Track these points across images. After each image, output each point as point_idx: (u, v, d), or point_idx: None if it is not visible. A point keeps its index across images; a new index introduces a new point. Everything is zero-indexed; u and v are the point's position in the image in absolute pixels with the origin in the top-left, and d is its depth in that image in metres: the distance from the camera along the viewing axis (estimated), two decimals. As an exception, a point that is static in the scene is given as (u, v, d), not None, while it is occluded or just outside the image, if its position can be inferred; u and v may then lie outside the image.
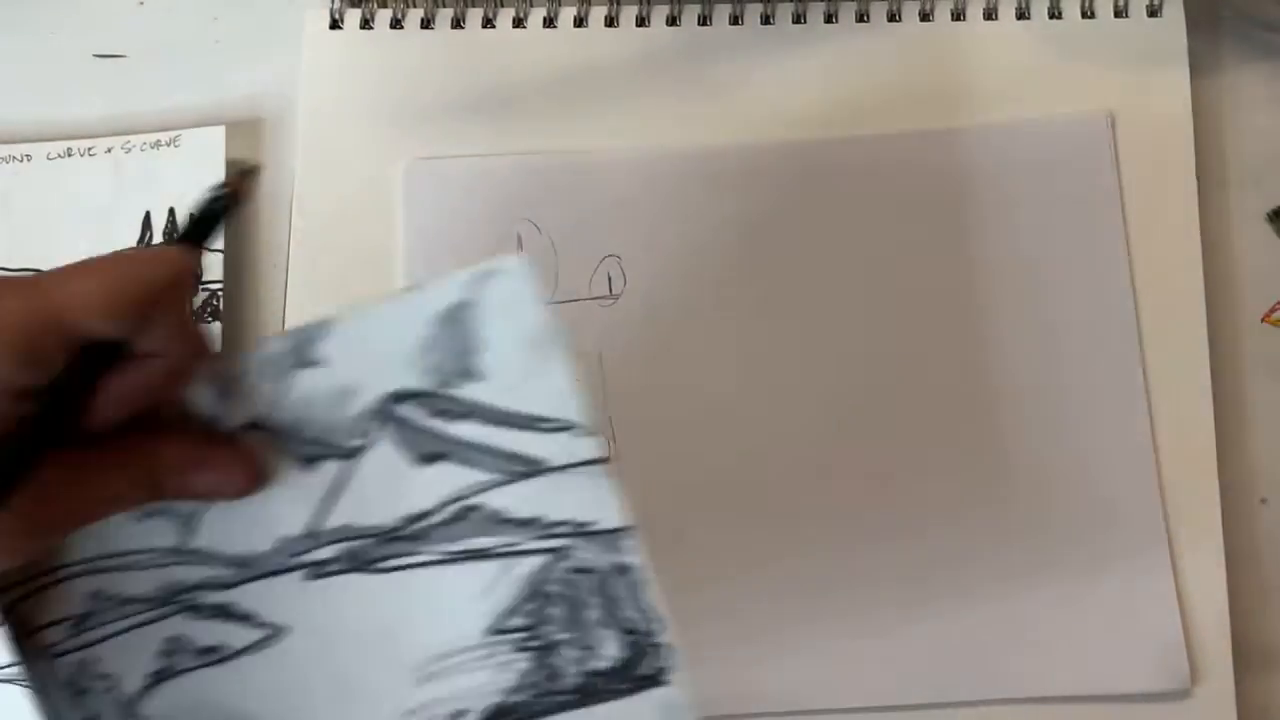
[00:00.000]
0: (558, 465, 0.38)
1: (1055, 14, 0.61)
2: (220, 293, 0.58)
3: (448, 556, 0.39)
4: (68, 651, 0.40)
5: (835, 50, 0.61)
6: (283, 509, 0.39)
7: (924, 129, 0.60)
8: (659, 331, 0.58)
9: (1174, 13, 0.61)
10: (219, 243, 0.59)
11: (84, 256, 0.58)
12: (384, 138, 0.61)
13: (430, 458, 0.38)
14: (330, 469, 0.39)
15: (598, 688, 0.39)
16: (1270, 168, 0.61)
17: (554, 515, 0.39)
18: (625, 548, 0.39)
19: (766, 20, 0.62)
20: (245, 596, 0.39)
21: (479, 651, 0.39)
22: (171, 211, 0.60)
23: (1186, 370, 0.57)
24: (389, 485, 0.39)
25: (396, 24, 0.62)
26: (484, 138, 0.61)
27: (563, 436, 0.38)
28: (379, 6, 0.62)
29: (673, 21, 0.62)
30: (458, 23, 0.62)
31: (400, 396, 0.38)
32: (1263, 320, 0.54)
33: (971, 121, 0.60)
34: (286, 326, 0.58)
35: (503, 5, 0.63)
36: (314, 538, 0.39)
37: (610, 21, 0.62)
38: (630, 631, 0.39)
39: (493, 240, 0.59)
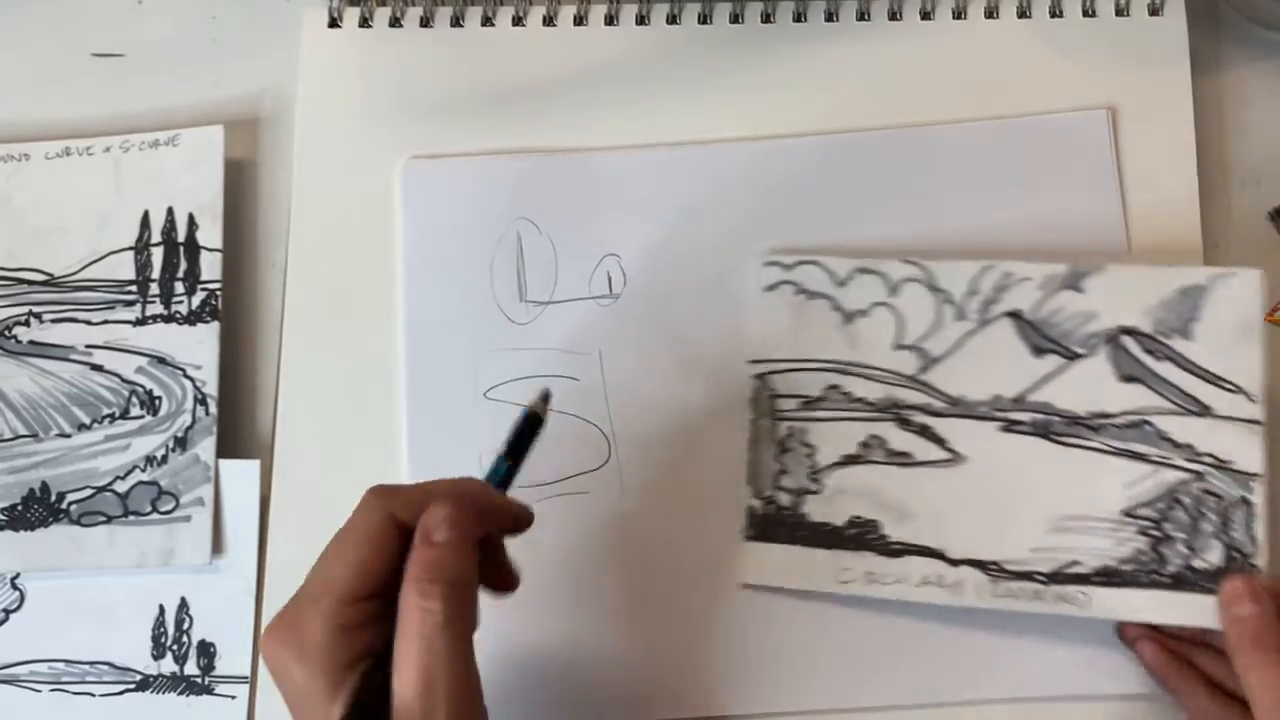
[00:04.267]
0: (1222, 415, 0.52)
1: (1056, 12, 0.61)
2: (219, 292, 0.58)
3: (1113, 450, 0.53)
4: (790, 419, 0.54)
5: (836, 48, 0.61)
6: (1005, 376, 0.54)
7: (925, 125, 0.60)
8: (658, 330, 0.58)
9: (1175, 11, 0.61)
10: (217, 241, 0.59)
11: (83, 256, 0.58)
12: (383, 136, 0.60)
13: (1130, 378, 0.53)
14: (1053, 361, 0.54)
15: (1190, 580, 0.51)
16: (1270, 167, 0.61)
17: (1204, 447, 0.52)
18: (1253, 488, 0.52)
19: (767, 19, 0.62)
20: (947, 426, 0.54)
21: (1109, 524, 0.52)
22: (170, 211, 0.59)
23: (1188, 370, 0.57)
24: (1090, 386, 0.53)
25: (395, 22, 0.62)
26: (483, 136, 0.60)
27: (1236, 397, 0.53)
28: (378, 5, 0.62)
29: (673, 20, 0.62)
30: (457, 21, 0.62)
31: (1127, 330, 0.54)
32: (1265, 320, 0.53)
33: (971, 118, 0.60)
34: (286, 325, 0.58)
35: (502, 3, 0.62)
36: (1019, 403, 0.54)
37: (610, 20, 0.62)
38: (1233, 549, 0.51)
39: (491, 239, 0.59)
